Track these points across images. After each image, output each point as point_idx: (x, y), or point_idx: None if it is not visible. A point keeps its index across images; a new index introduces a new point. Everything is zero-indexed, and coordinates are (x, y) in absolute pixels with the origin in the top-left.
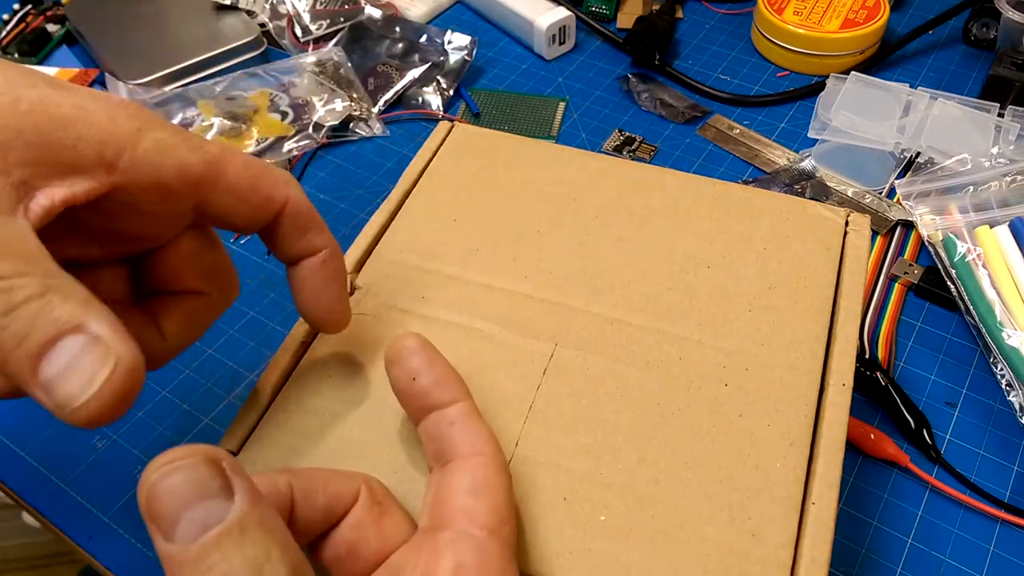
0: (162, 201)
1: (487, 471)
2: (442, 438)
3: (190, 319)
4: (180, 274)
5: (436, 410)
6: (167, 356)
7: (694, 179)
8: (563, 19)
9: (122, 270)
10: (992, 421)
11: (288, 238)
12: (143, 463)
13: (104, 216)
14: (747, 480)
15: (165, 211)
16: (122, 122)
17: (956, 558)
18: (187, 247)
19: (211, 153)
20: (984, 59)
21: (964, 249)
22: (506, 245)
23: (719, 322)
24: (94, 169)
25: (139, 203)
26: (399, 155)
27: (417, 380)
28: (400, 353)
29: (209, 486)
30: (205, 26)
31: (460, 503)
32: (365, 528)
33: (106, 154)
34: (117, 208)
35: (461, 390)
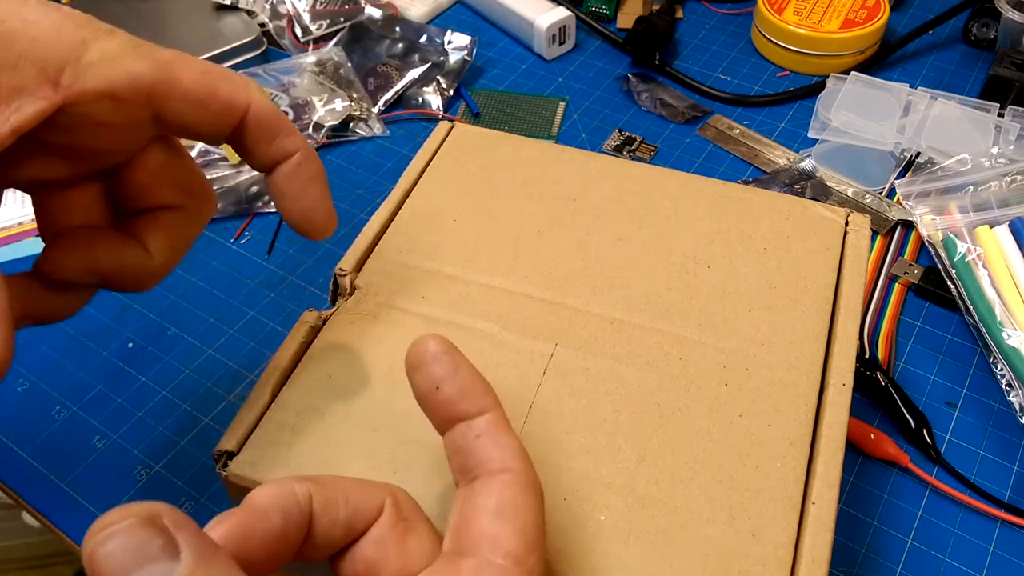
0: (116, 112)
1: (515, 491)
2: (468, 452)
3: (172, 233)
4: (152, 189)
5: (462, 421)
6: (157, 275)
7: (694, 179)
8: (563, 19)
9: (96, 192)
10: (992, 421)
11: (258, 144)
12: (143, 463)
13: (61, 132)
14: (747, 480)
15: (121, 122)
16: (68, 34)
17: (956, 558)
18: (154, 160)
19: (163, 60)
20: (984, 59)
21: (964, 249)
22: (506, 245)
23: (719, 322)
24: (39, 88)
25: (92, 115)
26: (399, 155)
27: (441, 389)
28: (422, 358)
29: (148, 549)
30: (205, 26)
31: (485, 527)
32: (387, 546)
33: (49, 71)
34: (72, 122)
35: (489, 399)
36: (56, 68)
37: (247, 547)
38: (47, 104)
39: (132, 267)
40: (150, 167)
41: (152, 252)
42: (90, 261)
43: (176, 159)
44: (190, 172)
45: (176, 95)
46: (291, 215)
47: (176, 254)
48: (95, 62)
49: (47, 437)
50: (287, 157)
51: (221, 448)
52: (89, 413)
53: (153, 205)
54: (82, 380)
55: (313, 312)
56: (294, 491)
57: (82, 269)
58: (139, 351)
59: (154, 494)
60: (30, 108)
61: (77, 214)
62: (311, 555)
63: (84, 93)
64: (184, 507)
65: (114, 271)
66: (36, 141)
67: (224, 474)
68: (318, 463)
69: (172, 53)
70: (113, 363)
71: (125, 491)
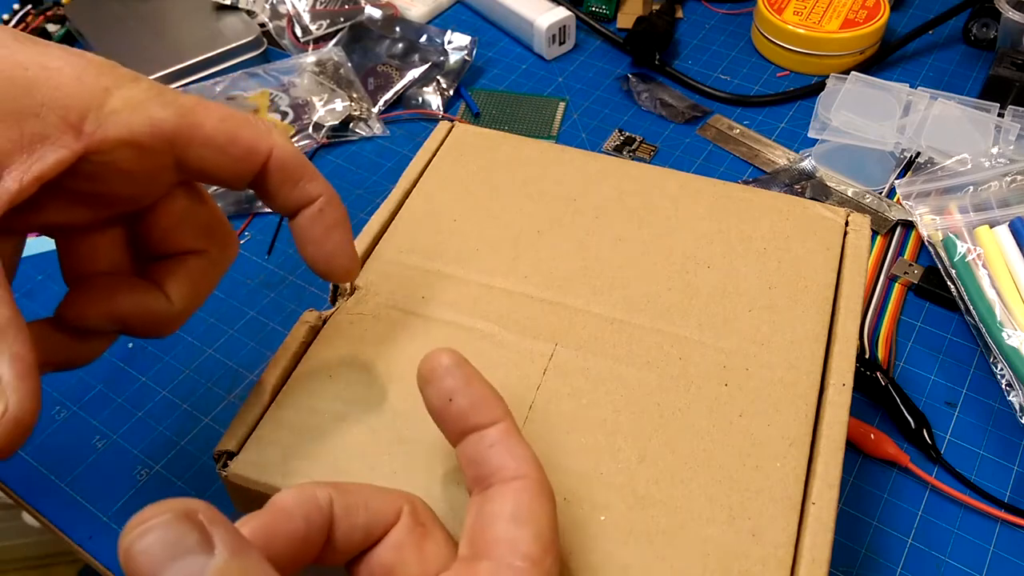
0: (138, 159)
1: (530, 496)
2: (482, 461)
3: (194, 279)
4: (175, 235)
5: (475, 432)
6: (178, 320)
7: (694, 179)
8: (563, 19)
9: (118, 237)
10: (992, 421)
11: (281, 189)
12: (143, 463)
13: (84, 179)
14: (747, 480)
15: (144, 169)
16: (89, 81)
17: (956, 558)
18: (177, 206)
19: (185, 107)
20: (984, 59)
21: (964, 249)
22: (506, 245)
23: (719, 322)
24: (61, 136)
25: (114, 163)
26: (399, 155)
27: (454, 401)
28: (434, 372)
29: (185, 542)
30: (205, 26)
31: (501, 532)
32: (405, 551)
33: (71, 118)
34: (95, 169)
35: (500, 409)
36: (78, 116)
37: (271, 548)
38: (69, 153)
39: (153, 313)
40: (173, 213)
41: (173, 298)
42: (111, 307)
43: (198, 205)
44: (213, 217)
45: (198, 141)
46: (314, 260)
47: (197, 299)
48: (118, 110)
49: (47, 437)
50: (311, 202)
51: (221, 448)
52: (89, 413)
53: (175, 251)
54: (82, 380)
55: (313, 312)
56: (316, 496)
57: (104, 316)
58: (139, 351)
59: (154, 494)
60: (52, 156)
61: (100, 259)
62: (331, 559)
63: (106, 141)
64: None
65: (135, 317)
66: (59, 188)
67: (224, 474)
68: (318, 463)
69: (194, 100)
70: (113, 363)
71: (125, 491)
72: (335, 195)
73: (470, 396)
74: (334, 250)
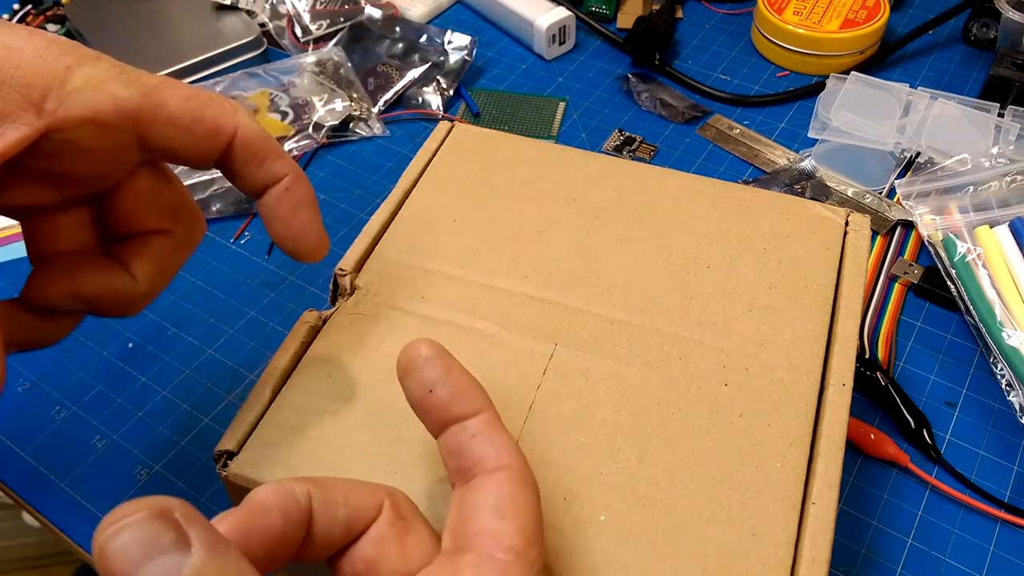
0: (101, 137)
1: (513, 487)
2: (463, 452)
3: (159, 259)
4: (139, 214)
5: (456, 423)
6: (143, 300)
7: (694, 179)
8: (563, 19)
9: (83, 217)
10: (992, 421)
11: (246, 168)
12: (143, 463)
13: (47, 157)
14: (747, 480)
15: (107, 147)
16: (52, 60)
17: (956, 558)
18: (142, 185)
19: (148, 85)
20: (984, 59)
21: (964, 249)
22: (506, 245)
23: (719, 322)
24: (22, 114)
25: (77, 141)
26: (399, 155)
27: (434, 392)
28: (413, 363)
29: (160, 541)
30: (205, 26)
31: (484, 523)
32: (387, 544)
33: (32, 96)
34: (57, 148)
35: (482, 400)
36: (40, 94)
37: (248, 545)
38: (30, 130)
39: (117, 293)
40: (137, 192)
41: (138, 278)
42: (75, 287)
43: (164, 184)
44: (178, 197)
45: (161, 120)
46: (281, 238)
47: (163, 279)
48: (80, 88)
49: (47, 437)
50: (277, 181)
51: (221, 448)
52: (89, 413)
53: (140, 230)
54: (82, 380)
55: (313, 312)
56: (294, 491)
57: (66, 295)
58: (139, 351)
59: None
60: (13, 134)
61: (64, 239)
62: (310, 555)
63: (68, 119)
64: None
65: (99, 297)
66: (22, 167)
67: (224, 474)
68: (318, 463)
69: (158, 79)
70: (113, 363)
71: (125, 491)
72: (302, 174)
73: (450, 386)
74: (301, 228)
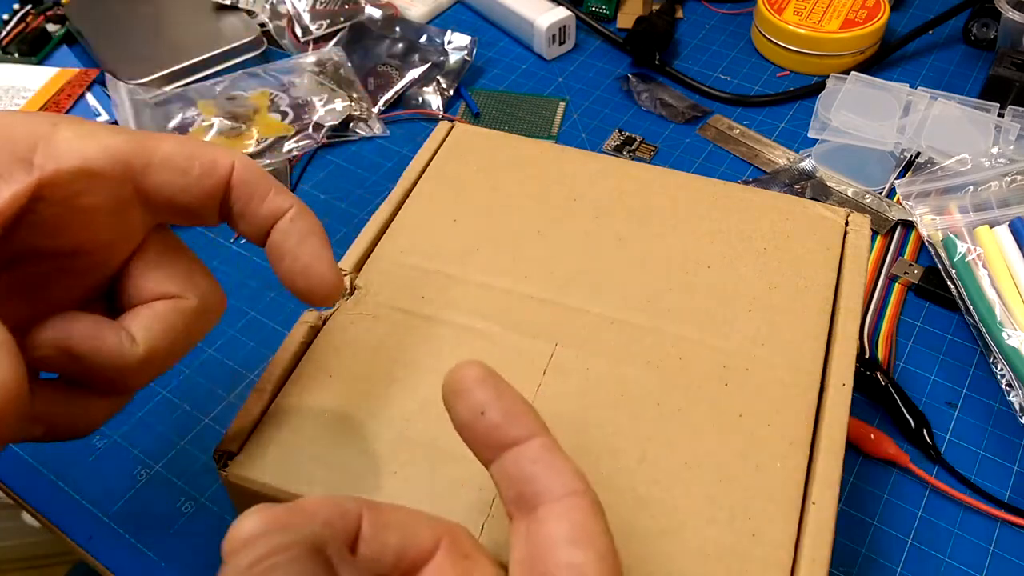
0: (96, 190)
1: (585, 515)
2: (526, 479)
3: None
4: (145, 280)
5: (511, 447)
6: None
7: (694, 179)
8: (563, 19)
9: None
10: (992, 421)
11: (248, 206)
12: (143, 463)
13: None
14: (747, 480)
15: (106, 203)
16: (36, 121)
17: (956, 558)
18: (149, 255)
19: (136, 134)
20: (984, 59)
21: (964, 249)
22: (506, 245)
23: (719, 322)
24: (12, 171)
25: (74, 198)
26: (399, 155)
27: (487, 414)
28: (462, 383)
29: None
30: (205, 26)
31: (563, 558)
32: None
33: (18, 151)
34: (57, 213)
35: (538, 423)
36: (27, 148)
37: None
38: (22, 187)
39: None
40: (144, 260)
41: (138, 339)
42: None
43: (173, 251)
44: (191, 266)
45: (156, 164)
46: (291, 275)
47: (167, 345)
48: (68, 138)
49: None
50: (281, 215)
51: (221, 448)
52: None
53: (148, 298)
54: None
55: (313, 312)
56: (344, 505)
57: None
58: None
59: (154, 494)
60: (6, 192)
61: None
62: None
63: (59, 172)
64: (184, 507)
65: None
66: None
67: (224, 474)
68: (318, 463)
69: (144, 131)
70: None
71: (125, 491)
72: (305, 207)
73: (503, 408)
74: (310, 260)
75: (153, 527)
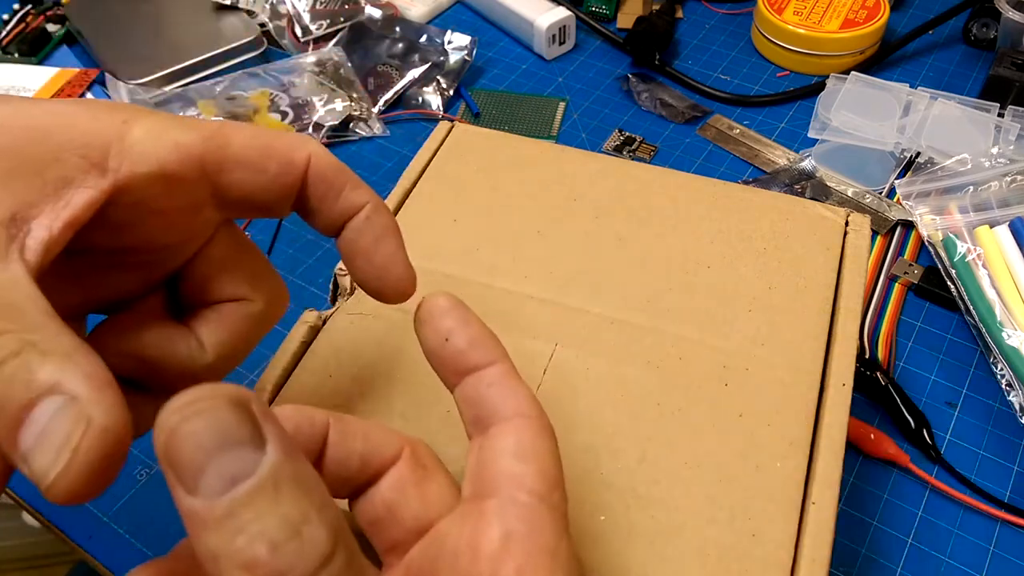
0: (171, 193)
1: (532, 433)
2: (481, 402)
3: (231, 328)
4: (214, 282)
5: (473, 372)
6: (211, 373)
7: (694, 179)
8: (563, 19)
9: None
10: (992, 421)
11: (324, 202)
12: (143, 463)
13: (121, 231)
14: (747, 480)
15: (180, 206)
16: (104, 117)
17: (956, 558)
18: (217, 251)
19: (209, 128)
20: (984, 59)
21: (964, 249)
22: (506, 245)
23: (719, 322)
24: (85, 176)
25: (147, 201)
26: (399, 155)
27: (451, 341)
28: (431, 312)
29: (236, 433)
30: (205, 26)
31: (505, 468)
32: (406, 489)
33: (93, 156)
34: (129, 216)
35: (499, 350)
36: (100, 153)
37: None
38: (97, 192)
39: (181, 360)
40: (211, 259)
41: (206, 346)
42: (136, 346)
43: (241, 250)
44: (258, 266)
45: (231, 161)
46: (364, 275)
47: (235, 352)
48: (140, 139)
49: None
50: (356, 211)
51: None
52: None
53: (214, 299)
54: None
55: (313, 312)
56: (312, 414)
57: (126, 354)
58: None
59: (154, 494)
60: (80, 199)
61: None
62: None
63: (134, 176)
64: None
65: (161, 360)
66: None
67: None
68: None
69: (218, 123)
70: None
71: (125, 491)
72: (382, 202)
73: (467, 336)
74: (386, 261)
75: (153, 527)
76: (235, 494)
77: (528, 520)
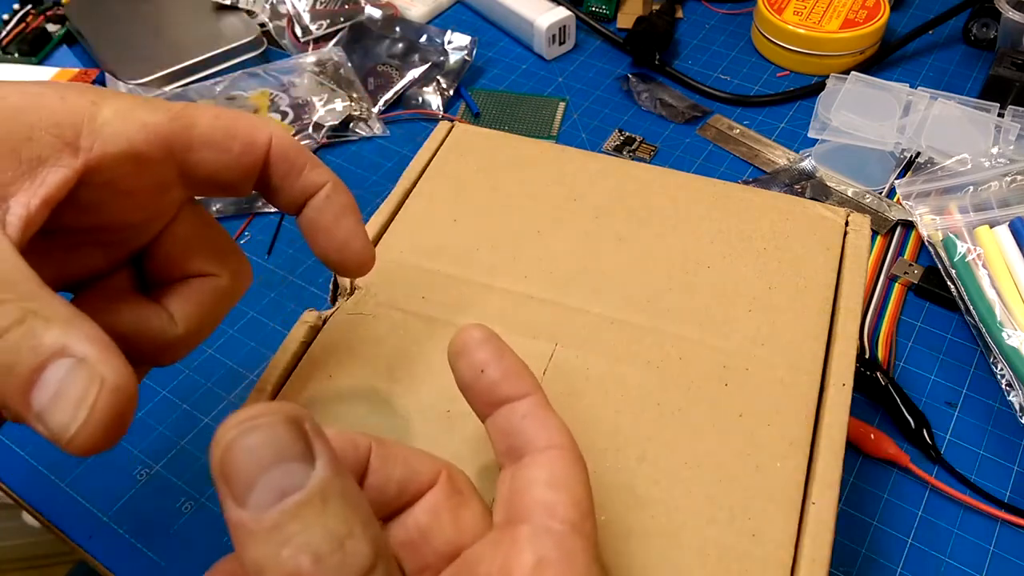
0: (139, 172)
1: (565, 464)
2: (514, 433)
3: (199, 302)
4: (180, 258)
5: (506, 404)
6: (182, 345)
7: (694, 179)
8: (563, 19)
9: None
10: (992, 421)
11: (285, 181)
12: (143, 463)
13: (90, 211)
14: (747, 480)
15: (147, 186)
16: (74, 99)
17: (956, 558)
18: (182, 229)
19: (175, 109)
20: (984, 59)
21: (964, 249)
22: (506, 245)
23: (719, 322)
24: (59, 155)
25: (118, 180)
26: (399, 155)
27: (486, 373)
28: (466, 345)
29: (290, 449)
30: (205, 26)
31: (538, 496)
32: (441, 515)
33: (65, 135)
34: (99, 196)
35: (531, 381)
36: (72, 132)
37: None
38: (71, 171)
39: (154, 333)
40: (177, 236)
41: (176, 319)
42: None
43: (205, 227)
44: (221, 242)
45: (196, 141)
46: (325, 250)
47: (202, 325)
48: (109, 120)
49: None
50: (317, 190)
51: None
52: None
53: (181, 275)
54: None
55: (313, 312)
56: (355, 439)
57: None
58: None
59: (154, 494)
60: (55, 177)
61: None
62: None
63: (105, 156)
64: (184, 507)
65: (135, 335)
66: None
67: None
68: None
69: (183, 103)
70: None
71: (125, 491)
72: (340, 182)
73: (502, 368)
74: (346, 237)
75: (153, 527)
76: (283, 506)
77: (560, 547)
